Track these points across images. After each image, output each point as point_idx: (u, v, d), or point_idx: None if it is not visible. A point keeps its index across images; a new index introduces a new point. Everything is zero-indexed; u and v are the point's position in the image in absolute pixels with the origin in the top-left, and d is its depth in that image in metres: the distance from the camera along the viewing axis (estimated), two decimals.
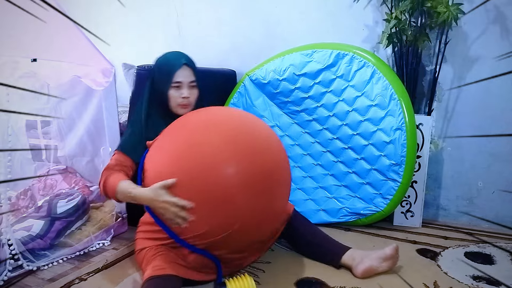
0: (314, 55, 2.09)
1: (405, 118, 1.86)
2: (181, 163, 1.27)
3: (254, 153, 1.29)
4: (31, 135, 2.29)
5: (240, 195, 1.24)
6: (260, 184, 1.28)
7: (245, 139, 1.32)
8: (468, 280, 1.50)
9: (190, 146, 1.29)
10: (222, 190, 1.23)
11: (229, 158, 1.25)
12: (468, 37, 2.03)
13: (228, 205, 1.24)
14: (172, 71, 1.48)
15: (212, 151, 1.25)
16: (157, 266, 1.29)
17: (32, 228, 1.67)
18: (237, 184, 1.24)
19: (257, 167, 1.28)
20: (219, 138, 1.29)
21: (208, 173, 1.23)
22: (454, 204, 2.18)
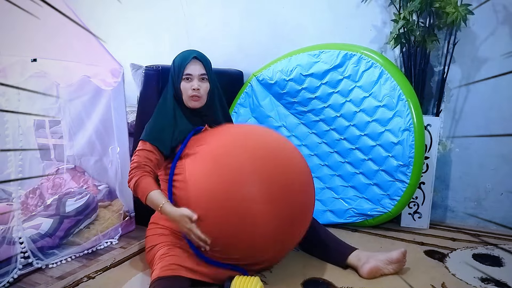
0: (321, 55, 2.09)
1: (413, 119, 1.86)
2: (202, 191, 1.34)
3: (279, 176, 1.36)
4: (40, 135, 2.31)
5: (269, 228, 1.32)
6: (285, 209, 1.35)
7: (270, 160, 1.38)
8: (477, 282, 1.49)
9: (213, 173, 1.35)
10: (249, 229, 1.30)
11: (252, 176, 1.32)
12: (477, 37, 2.02)
13: (253, 236, 1.31)
14: (183, 64, 1.53)
15: (233, 179, 1.32)
16: (165, 266, 1.30)
17: (41, 227, 1.69)
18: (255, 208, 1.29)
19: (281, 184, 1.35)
20: (242, 166, 1.34)
21: (226, 196, 1.30)
22: (462, 205, 2.17)
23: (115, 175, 1.95)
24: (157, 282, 1.26)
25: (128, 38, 3.07)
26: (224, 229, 1.30)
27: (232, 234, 1.30)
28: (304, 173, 1.47)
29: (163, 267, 1.30)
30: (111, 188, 2.10)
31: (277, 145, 1.48)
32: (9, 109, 1.50)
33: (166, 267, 1.30)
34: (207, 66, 1.57)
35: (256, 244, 1.33)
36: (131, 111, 2.20)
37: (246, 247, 1.33)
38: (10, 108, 1.50)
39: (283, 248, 1.47)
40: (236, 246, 1.33)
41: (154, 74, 1.90)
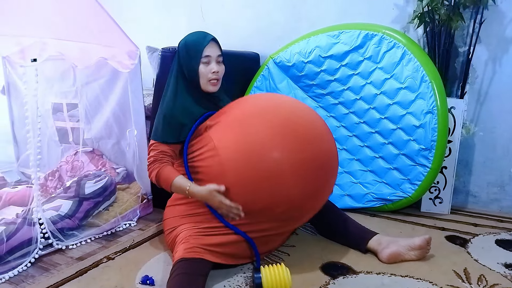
0: (341, 36, 2.03)
1: (437, 101, 1.80)
2: (234, 161, 1.35)
3: (301, 141, 1.36)
4: (58, 118, 2.32)
5: (289, 182, 1.32)
6: (309, 171, 1.35)
7: (293, 127, 1.38)
8: (500, 268, 1.46)
9: (241, 135, 1.37)
10: (272, 181, 1.31)
11: (276, 146, 1.32)
12: (505, 16, 1.93)
13: (277, 191, 1.32)
14: (201, 46, 1.47)
15: (260, 140, 1.34)
16: (189, 248, 1.30)
17: (61, 208, 1.71)
18: (286, 173, 1.31)
19: (305, 154, 1.34)
20: (267, 128, 1.36)
21: (257, 159, 1.32)
22: (485, 191, 2.11)
23: (132, 158, 1.95)
24: (181, 263, 1.26)
25: (144, 20, 3.04)
26: (257, 191, 1.33)
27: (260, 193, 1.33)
28: (322, 126, 1.48)
29: (186, 248, 1.30)
30: (129, 171, 2.11)
31: (294, 106, 1.51)
32: (28, 91, 1.50)
33: (190, 249, 1.30)
34: (221, 48, 1.54)
35: (286, 199, 1.34)
36: (147, 94, 2.19)
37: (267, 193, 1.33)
38: (28, 90, 1.50)
39: (302, 205, 1.42)
40: (261, 199, 1.34)
41: (171, 56, 1.88)
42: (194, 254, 1.28)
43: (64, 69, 2.08)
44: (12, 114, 2.47)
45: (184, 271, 1.23)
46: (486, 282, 1.35)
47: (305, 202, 1.40)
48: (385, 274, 1.41)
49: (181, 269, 1.24)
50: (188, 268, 1.24)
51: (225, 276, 1.40)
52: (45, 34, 1.49)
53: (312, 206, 1.47)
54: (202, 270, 1.27)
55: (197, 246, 1.31)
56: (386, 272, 1.42)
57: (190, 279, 1.23)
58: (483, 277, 1.39)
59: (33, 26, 1.49)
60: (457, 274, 1.41)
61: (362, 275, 1.41)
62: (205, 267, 1.29)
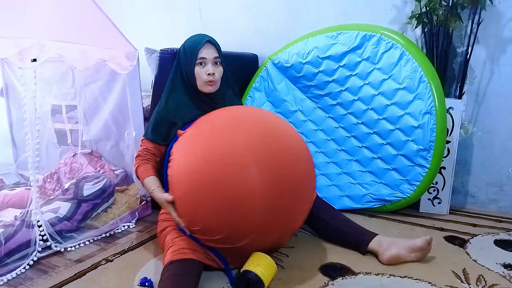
0: (339, 37, 2.04)
1: (435, 102, 1.80)
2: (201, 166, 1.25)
3: (277, 157, 1.26)
4: (56, 120, 2.32)
5: (259, 201, 1.21)
6: (282, 189, 1.24)
7: (268, 142, 1.28)
8: (499, 268, 1.45)
9: (213, 146, 1.27)
10: (242, 194, 1.20)
11: (250, 162, 1.22)
12: (502, 16, 1.94)
13: (247, 212, 1.21)
14: (196, 48, 1.49)
15: (234, 153, 1.23)
16: (177, 250, 1.30)
17: (59, 210, 1.70)
18: (258, 189, 1.20)
19: (280, 171, 1.24)
20: (242, 140, 1.27)
21: (229, 175, 1.20)
22: (483, 191, 2.12)
23: (131, 160, 1.95)
24: (170, 266, 1.26)
25: (143, 22, 3.04)
26: (209, 207, 1.22)
27: (218, 212, 1.22)
28: (299, 148, 1.38)
29: (174, 251, 1.30)
30: (127, 173, 2.11)
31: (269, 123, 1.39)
32: (26, 93, 1.49)
33: (178, 251, 1.29)
34: (220, 50, 1.55)
35: (244, 223, 1.23)
36: (146, 96, 2.19)
37: (232, 226, 1.24)
38: (27, 92, 1.50)
39: (273, 233, 1.33)
40: (221, 225, 1.24)
41: (169, 57, 1.88)
42: (182, 256, 1.28)
43: (63, 70, 2.08)
44: (10, 116, 2.46)
45: (174, 272, 1.23)
46: (485, 283, 1.35)
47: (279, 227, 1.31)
48: (384, 275, 1.40)
49: (171, 271, 1.24)
50: (178, 270, 1.24)
51: (217, 280, 1.39)
52: (44, 35, 1.49)
53: (289, 227, 1.40)
54: (192, 270, 1.26)
55: (184, 247, 1.30)
56: (385, 273, 1.42)
57: (181, 279, 1.22)
58: (482, 277, 1.39)
59: (32, 27, 1.49)
60: (456, 274, 1.41)
61: (361, 276, 1.41)
62: (195, 267, 1.28)
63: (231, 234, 1.26)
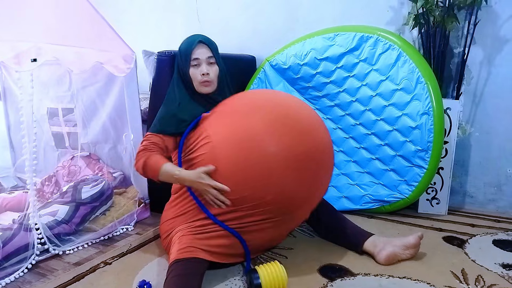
0: (336, 38, 2.04)
1: (432, 102, 1.80)
2: (227, 144, 1.35)
3: (295, 135, 1.35)
4: (54, 123, 2.32)
5: (280, 171, 1.32)
6: (301, 164, 1.34)
7: (287, 122, 1.38)
8: (498, 268, 1.46)
9: (236, 125, 1.38)
10: (263, 166, 1.31)
11: (270, 140, 1.32)
12: (498, 17, 1.94)
13: (267, 178, 1.32)
14: (189, 50, 1.50)
15: (255, 132, 1.34)
16: (182, 249, 1.29)
17: (58, 213, 1.70)
18: (278, 163, 1.31)
19: (299, 148, 1.34)
20: (263, 121, 1.36)
21: (251, 151, 1.32)
22: (482, 191, 2.12)
23: (129, 162, 1.95)
24: (175, 264, 1.26)
25: (140, 24, 3.04)
26: (248, 177, 1.32)
27: (247, 174, 1.32)
28: (320, 124, 1.49)
29: (180, 249, 1.30)
30: (126, 175, 2.10)
31: (292, 102, 1.52)
32: (23, 96, 1.49)
33: (183, 249, 1.29)
34: (214, 49, 1.54)
35: (277, 187, 1.33)
36: (143, 98, 2.18)
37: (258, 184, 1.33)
38: (24, 95, 1.50)
39: (293, 195, 1.38)
40: (248, 184, 1.33)
41: (167, 60, 1.88)
42: (187, 254, 1.28)
43: (60, 73, 2.08)
44: (8, 119, 2.46)
45: (179, 272, 1.23)
46: (483, 283, 1.35)
47: (297, 193, 1.38)
48: (382, 276, 1.40)
49: (176, 270, 1.24)
50: (183, 269, 1.24)
51: (222, 279, 1.39)
52: (41, 39, 1.49)
53: (304, 200, 1.44)
54: (197, 269, 1.27)
55: (190, 246, 1.30)
56: (383, 274, 1.42)
57: (185, 279, 1.22)
58: (481, 277, 1.39)
59: (29, 31, 1.48)
60: (454, 275, 1.41)
61: (359, 277, 1.41)
62: (200, 266, 1.28)
63: (260, 192, 1.33)
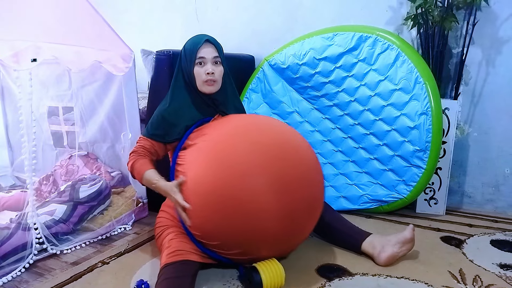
0: (335, 38, 2.04)
1: (431, 103, 1.81)
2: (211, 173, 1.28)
3: (284, 164, 1.28)
4: (52, 122, 2.31)
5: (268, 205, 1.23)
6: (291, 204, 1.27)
7: (275, 149, 1.31)
8: (495, 268, 1.46)
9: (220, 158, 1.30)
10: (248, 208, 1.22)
11: (257, 169, 1.25)
12: (497, 17, 1.95)
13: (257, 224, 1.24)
14: (195, 48, 1.49)
15: (240, 162, 1.26)
16: (172, 253, 1.29)
17: (55, 213, 1.69)
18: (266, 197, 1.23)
19: (289, 179, 1.26)
20: (249, 148, 1.29)
21: (236, 182, 1.24)
22: (480, 191, 2.12)
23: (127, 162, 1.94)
24: (165, 269, 1.25)
25: (139, 24, 3.04)
26: (224, 224, 1.25)
27: (234, 230, 1.25)
28: (312, 168, 1.38)
29: (169, 253, 1.29)
30: (123, 175, 2.10)
31: (284, 138, 1.39)
32: (22, 95, 1.49)
33: (173, 253, 1.29)
34: (220, 49, 1.54)
35: (258, 240, 1.27)
36: (142, 97, 2.18)
37: (247, 242, 1.28)
38: (23, 94, 1.49)
39: (287, 245, 1.39)
40: (238, 241, 1.28)
41: (165, 59, 1.88)
42: (177, 258, 1.27)
43: (59, 72, 2.08)
44: (6, 118, 2.45)
45: (170, 275, 1.23)
46: (481, 283, 1.35)
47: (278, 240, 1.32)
48: (381, 276, 1.41)
49: (166, 274, 1.23)
50: (174, 272, 1.24)
51: (220, 279, 1.39)
52: (39, 38, 1.48)
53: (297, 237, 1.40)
54: (188, 271, 1.26)
55: (179, 249, 1.30)
56: (382, 274, 1.42)
57: (176, 283, 1.21)
58: (478, 277, 1.39)
59: (27, 30, 1.48)
60: (452, 275, 1.41)
61: (358, 276, 1.41)
62: (191, 268, 1.28)
63: (249, 251, 1.30)
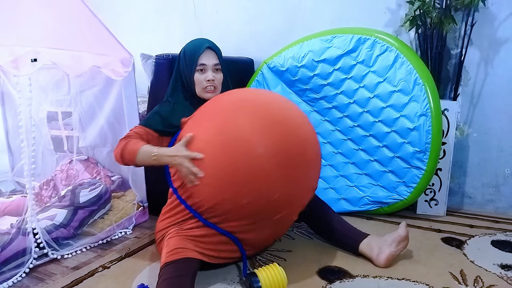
0: (333, 40, 2.04)
1: (430, 104, 1.81)
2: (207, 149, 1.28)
3: (283, 133, 1.29)
4: (52, 127, 2.32)
5: (269, 171, 1.25)
6: (290, 161, 1.28)
7: (275, 120, 1.32)
8: (496, 269, 1.46)
9: (221, 128, 1.30)
10: (250, 167, 1.24)
11: (258, 140, 1.26)
12: (495, 18, 1.95)
13: (256, 180, 1.25)
14: (196, 55, 1.49)
15: (241, 134, 1.27)
16: (171, 251, 1.29)
17: (56, 217, 1.69)
18: (267, 163, 1.25)
19: (286, 146, 1.28)
20: (249, 121, 1.30)
21: (238, 152, 1.25)
22: (480, 192, 2.12)
23: (127, 166, 1.94)
24: (165, 268, 1.25)
25: (138, 28, 3.05)
26: (229, 188, 1.26)
27: (235, 197, 1.26)
28: (309, 133, 1.41)
29: (168, 252, 1.29)
30: (124, 179, 2.10)
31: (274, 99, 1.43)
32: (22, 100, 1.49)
33: (172, 251, 1.29)
34: (220, 55, 1.54)
35: (262, 206, 1.28)
36: (142, 102, 2.18)
37: (250, 212, 1.29)
38: (22, 99, 1.49)
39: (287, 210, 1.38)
40: (239, 211, 1.28)
41: (165, 63, 1.88)
42: (176, 256, 1.27)
43: (59, 77, 2.08)
44: (6, 124, 2.46)
45: (170, 275, 1.22)
46: (482, 284, 1.35)
47: (284, 194, 1.32)
48: (381, 278, 1.40)
49: (166, 273, 1.23)
50: (174, 271, 1.23)
51: (221, 281, 1.39)
52: (38, 43, 1.49)
53: (291, 200, 1.38)
54: (188, 270, 1.26)
55: (178, 247, 1.30)
56: (382, 276, 1.42)
57: (176, 281, 1.21)
58: (479, 278, 1.39)
59: (26, 35, 1.48)
60: (453, 276, 1.41)
61: (358, 279, 1.41)
62: (191, 265, 1.27)
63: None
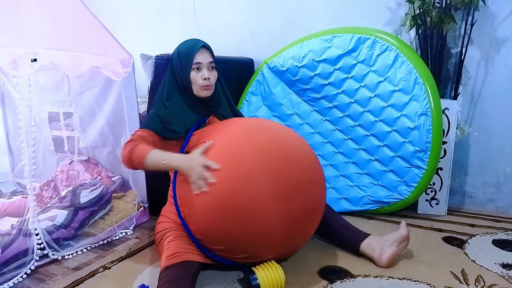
0: (334, 40, 2.04)
1: (430, 103, 1.81)
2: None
3: (285, 166, 1.29)
4: (54, 127, 2.32)
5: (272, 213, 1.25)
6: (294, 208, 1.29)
7: (276, 153, 1.32)
8: (497, 268, 1.46)
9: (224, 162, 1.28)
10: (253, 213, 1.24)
11: (260, 173, 1.26)
12: (495, 17, 1.95)
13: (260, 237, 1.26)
14: (191, 54, 1.50)
15: (243, 172, 1.26)
16: (171, 255, 1.29)
17: (56, 218, 1.69)
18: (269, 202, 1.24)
19: (291, 181, 1.28)
20: (253, 160, 1.28)
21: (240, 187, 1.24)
22: (481, 191, 2.12)
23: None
24: (164, 272, 1.25)
25: (138, 28, 3.05)
26: (231, 230, 1.26)
27: (239, 235, 1.26)
28: (314, 170, 1.40)
29: (168, 256, 1.29)
30: (124, 179, 2.10)
31: (285, 141, 1.39)
32: (21, 101, 1.49)
33: (171, 255, 1.29)
34: (213, 54, 1.56)
35: (263, 244, 1.29)
36: (142, 102, 2.18)
37: (252, 247, 1.30)
38: (22, 100, 1.49)
39: (291, 247, 1.43)
40: (242, 246, 1.29)
41: (165, 63, 1.88)
42: (176, 260, 1.27)
43: (59, 78, 2.08)
44: (6, 125, 2.46)
45: (169, 278, 1.22)
46: (483, 283, 1.35)
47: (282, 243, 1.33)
48: (383, 277, 1.40)
49: (166, 277, 1.23)
50: (174, 275, 1.23)
51: (222, 281, 1.39)
52: (38, 44, 1.49)
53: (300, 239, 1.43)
54: (188, 273, 1.26)
55: (178, 251, 1.30)
56: (383, 275, 1.42)
57: (176, 285, 1.21)
58: (481, 277, 1.39)
59: (26, 36, 1.48)
60: (454, 275, 1.41)
61: (359, 278, 1.41)
62: (191, 268, 1.28)
63: (254, 255, 1.32)
